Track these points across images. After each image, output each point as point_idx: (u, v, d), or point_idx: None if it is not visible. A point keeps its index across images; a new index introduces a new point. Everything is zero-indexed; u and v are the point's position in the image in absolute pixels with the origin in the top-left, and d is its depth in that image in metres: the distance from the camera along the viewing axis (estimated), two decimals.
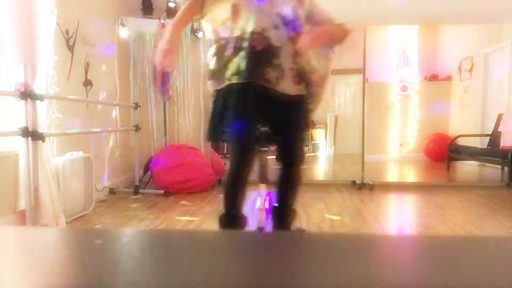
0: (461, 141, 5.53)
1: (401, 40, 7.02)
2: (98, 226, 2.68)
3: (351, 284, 0.31)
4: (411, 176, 5.58)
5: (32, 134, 2.22)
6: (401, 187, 4.13)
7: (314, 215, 2.93)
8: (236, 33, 1.65)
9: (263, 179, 1.91)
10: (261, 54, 1.62)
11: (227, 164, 5.62)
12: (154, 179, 3.86)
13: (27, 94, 2.18)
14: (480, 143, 5.62)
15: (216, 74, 1.73)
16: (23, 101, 2.20)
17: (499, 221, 2.75)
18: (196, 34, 4.20)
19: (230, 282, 0.31)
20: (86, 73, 3.41)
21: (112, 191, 3.71)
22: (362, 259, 0.38)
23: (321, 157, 7.84)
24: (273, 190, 1.98)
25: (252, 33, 1.62)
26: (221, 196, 1.83)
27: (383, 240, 0.49)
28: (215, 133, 1.81)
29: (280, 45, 1.65)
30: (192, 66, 4.29)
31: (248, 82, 1.62)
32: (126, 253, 0.40)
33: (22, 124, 2.20)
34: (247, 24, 1.63)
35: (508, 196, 3.67)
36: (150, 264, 0.37)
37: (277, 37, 1.64)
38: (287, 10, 1.68)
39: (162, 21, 4.14)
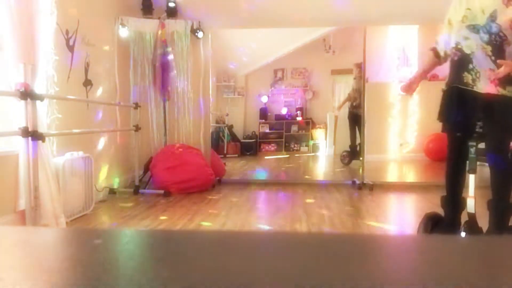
0: None
1: (401, 40, 7.02)
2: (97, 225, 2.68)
3: (351, 284, 0.31)
4: (411, 176, 5.58)
5: (32, 134, 2.22)
6: (401, 187, 4.13)
7: (314, 215, 2.93)
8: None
9: (472, 170, 2.05)
10: (460, 61, 1.99)
11: (227, 164, 5.64)
12: (154, 179, 3.86)
13: (27, 94, 2.18)
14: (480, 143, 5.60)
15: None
16: (23, 101, 2.20)
17: None
18: (196, 34, 4.20)
19: (230, 282, 0.31)
20: (86, 73, 3.41)
21: (112, 191, 3.71)
22: (362, 259, 0.38)
23: (321, 157, 7.85)
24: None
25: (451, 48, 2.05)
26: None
27: (383, 240, 0.49)
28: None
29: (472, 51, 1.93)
30: (192, 66, 4.29)
31: (451, 87, 2.03)
32: (126, 253, 0.40)
33: (22, 124, 2.20)
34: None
35: None
36: (150, 264, 0.37)
37: (467, 43, 1.95)
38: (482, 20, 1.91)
39: (162, 21, 4.14)
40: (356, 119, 5.89)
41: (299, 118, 9.23)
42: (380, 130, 6.76)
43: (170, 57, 4.16)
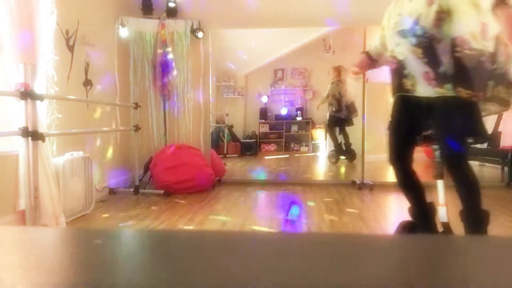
0: None
1: None
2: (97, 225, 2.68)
3: (351, 284, 0.31)
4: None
5: (32, 134, 2.22)
6: None
7: (314, 215, 2.93)
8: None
9: (439, 175, 1.94)
10: (397, 70, 1.98)
11: (227, 164, 5.63)
12: (154, 179, 3.86)
13: (27, 94, 2.18)
14: (480, 143, 5.61)
15: None
16: (23, 101, 2.20)
17: (499, 221, 2.75)
18: (196, 34, 4.20)
19: (230, 282, 0.31)
20: (86, 73, 3.41)
21: (112, 191, 3.71)
22: (362, 259, 0.38)
23: (321, 157, 7.84)
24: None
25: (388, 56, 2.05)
26: None
27: (383, 240, 0.49)
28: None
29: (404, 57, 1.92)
30: (192, 66, 4.29)
31: (396, 96, 2.03)
32: (126, 253, 0.40)
33: (22, 124, 2.20)
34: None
35: (508, 196, 3.66)
36: (150, 264, 0.37)
37: (399, 50, 1.94)
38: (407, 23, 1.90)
39: (162, 21, 4.14)
40: (338, 123, 6.27)
41: (299, 118, 9.24)
42: (380, 130, 6.74)
43: (170, 57, 4.16)
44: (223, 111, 8.84)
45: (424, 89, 1.89)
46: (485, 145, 5.35)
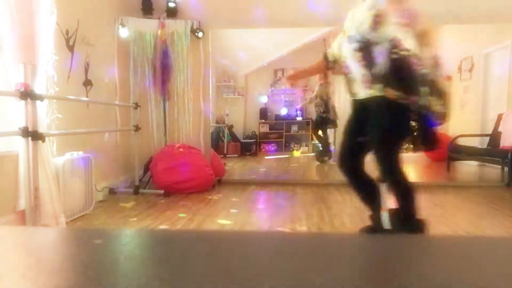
0: (461, 141, 5.53)
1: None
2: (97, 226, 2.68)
3: (351, 284, 0.31)
4: (411, 176, 5.57)
5: (32, 134, 2.22)
6: None
7: (314, 215, 2.93)
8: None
9: (380, 179, 1.96)
10: (347, 74, 2.05)
11: (227, 164, 5.62)
12: (154, 179, 3.86)
13: (27, 94, 2.18)
14: (480, 143, 5.61)
15: None
16: (23, 101, 2.20)
17: (499, 221, 2.75)
18: (197, 34, 4.20)
19: (230, 282, 0.31)
20: (86, 73, 3.41)
21: (112, 191, 3.71)
22: (361, 259, 0.38)
23: None
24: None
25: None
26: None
27: (383, 240, 0.49)
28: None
29: (348, 60, 1.99)
30: (192, 66, 4.29)
31: (351, 100, 2.10)
32: (126, 253, 0.40)
33: (22, 124, 2.20)
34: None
35: (508, 196, 3.66)
36: (150, 264, 0.37)
37: (346, 55, 2.01)
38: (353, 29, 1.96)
39: (162, 21, 4.14)
40: (324, 124, 6.45)
41: (299, 118, 9.24)
42: None
43: (170, 57, 4.16)
44: (223, 111, 8.84)
45: (362, 92, 1.95)
46: (485, 145, 5.36)
